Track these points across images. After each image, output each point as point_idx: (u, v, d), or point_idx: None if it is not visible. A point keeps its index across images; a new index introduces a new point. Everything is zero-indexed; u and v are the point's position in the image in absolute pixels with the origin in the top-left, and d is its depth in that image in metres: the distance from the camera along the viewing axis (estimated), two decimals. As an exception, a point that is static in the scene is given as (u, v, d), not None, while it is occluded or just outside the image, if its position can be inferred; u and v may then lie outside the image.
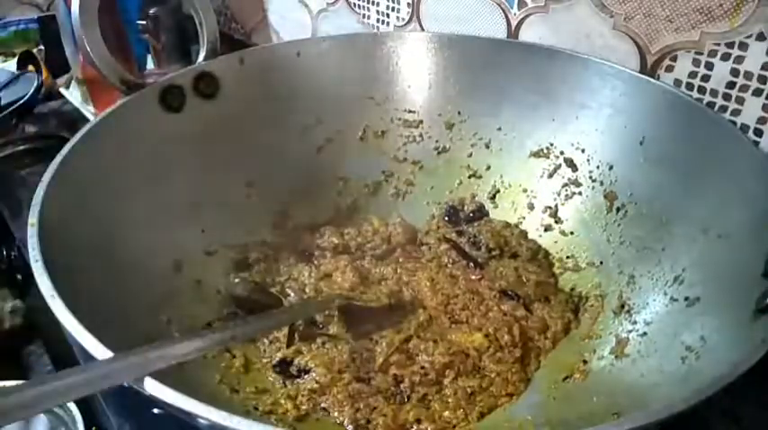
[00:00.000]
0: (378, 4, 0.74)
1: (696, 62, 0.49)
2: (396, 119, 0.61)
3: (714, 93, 0.49)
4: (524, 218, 0.57)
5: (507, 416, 0.42)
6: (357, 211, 0.60)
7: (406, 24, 0.72)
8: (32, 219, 0.36)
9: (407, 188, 0.61)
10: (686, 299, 0.40)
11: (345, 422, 0.41)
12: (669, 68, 0.51)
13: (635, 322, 0.44)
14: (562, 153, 0.55)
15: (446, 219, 0.58)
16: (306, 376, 0.43)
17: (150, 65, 0.82)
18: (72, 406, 0.41)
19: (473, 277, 0.51)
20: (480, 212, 0.58)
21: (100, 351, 0.28)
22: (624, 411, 0.36)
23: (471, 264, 0.53)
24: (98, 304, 0.35)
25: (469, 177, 0.59)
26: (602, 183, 0.52)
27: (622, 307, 0.46)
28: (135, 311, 0.41)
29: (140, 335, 0.39)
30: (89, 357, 0.29)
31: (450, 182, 0.60)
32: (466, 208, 0.58)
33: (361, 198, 0.61)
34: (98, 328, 0.30)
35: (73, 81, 0.88)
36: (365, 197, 0.61)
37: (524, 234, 0.56)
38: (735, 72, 0.47)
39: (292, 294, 0.52)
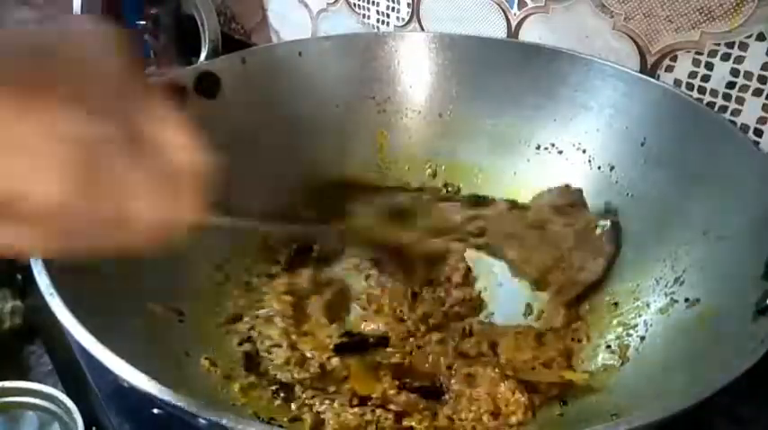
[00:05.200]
0: (378, 4, 0.74)
1: (696, 62, 0.49)
2: (397, 119, 0.61)
3: (714, 93, 0.49)
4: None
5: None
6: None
7: (406, 24, 0.72)
8: (32, 218, 0.36)
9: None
10: (686, 300, 0.40)
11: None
12: (669, 68, 0.51)
13: (635, 324, 0.44)
14: (563, 153, 0.55)
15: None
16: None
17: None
18: (71, 405, 0.41)
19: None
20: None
21: (100, 351, 0.28)
22: (623, 412, 0.36)
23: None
24: (98, 304, 0.35)
25: (470, 177, 0.59)
26: (603, 185, 0.52)
27: (623, 308, 0.46)
28: (135, 311, 0.41)
29: (141, 335, 0.39)
30: (89, 357, 0.29)
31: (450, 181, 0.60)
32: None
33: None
34: (98, 328, 0.30)
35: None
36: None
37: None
38: (735, 72, 0.47)
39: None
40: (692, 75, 0.50)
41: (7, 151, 0.20)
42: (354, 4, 0.77)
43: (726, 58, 0.47)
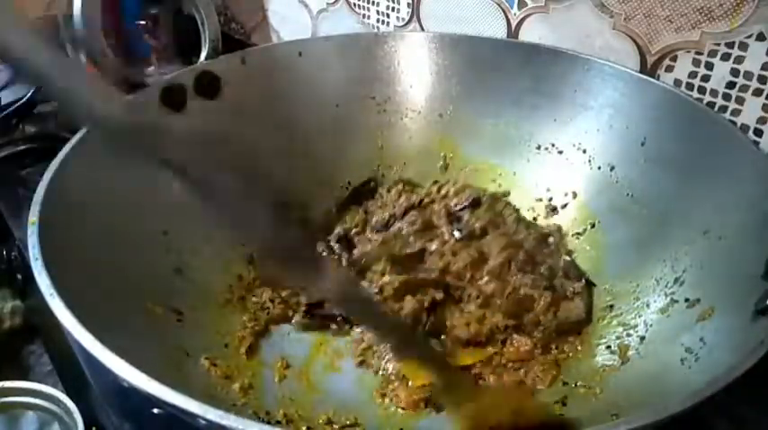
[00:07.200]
0: (378, 4, 0.74)
1: (696, 62, 0.49)
2: (397, 119, 0.61)
3: (714, 93, 0.49)
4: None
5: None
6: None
7: (406, 24, 0.72)
8: (33, 218, 0.36)
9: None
10: (686, 300, 0.40)
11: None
12: (669, 68, 0.51)
13: (635, 324, 0.43)
14: (563, 153, 0.55)
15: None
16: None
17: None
18: (71, 405, 0.41)
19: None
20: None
21: (99, 350, 0.28)
22: (623, 412, 0.36)
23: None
24: (98, 304, 0.35)
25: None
26: (603, 185, 0.52)
27: (622, 308, 0.46)
28: (135, 311, 0.41)
29: (141, 335, 0.39)
30: (89, 357, 0.29)
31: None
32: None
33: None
34: (98, 328, 0.30)
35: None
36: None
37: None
38: (735, 72, 0.47)
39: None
40: (692, 75, 0.50)
41: None
42: (354, 4, 0.77)
43: (726, 58, 0.47)
